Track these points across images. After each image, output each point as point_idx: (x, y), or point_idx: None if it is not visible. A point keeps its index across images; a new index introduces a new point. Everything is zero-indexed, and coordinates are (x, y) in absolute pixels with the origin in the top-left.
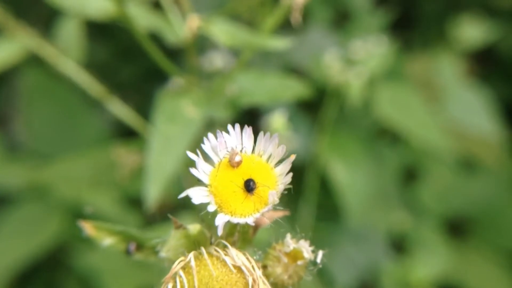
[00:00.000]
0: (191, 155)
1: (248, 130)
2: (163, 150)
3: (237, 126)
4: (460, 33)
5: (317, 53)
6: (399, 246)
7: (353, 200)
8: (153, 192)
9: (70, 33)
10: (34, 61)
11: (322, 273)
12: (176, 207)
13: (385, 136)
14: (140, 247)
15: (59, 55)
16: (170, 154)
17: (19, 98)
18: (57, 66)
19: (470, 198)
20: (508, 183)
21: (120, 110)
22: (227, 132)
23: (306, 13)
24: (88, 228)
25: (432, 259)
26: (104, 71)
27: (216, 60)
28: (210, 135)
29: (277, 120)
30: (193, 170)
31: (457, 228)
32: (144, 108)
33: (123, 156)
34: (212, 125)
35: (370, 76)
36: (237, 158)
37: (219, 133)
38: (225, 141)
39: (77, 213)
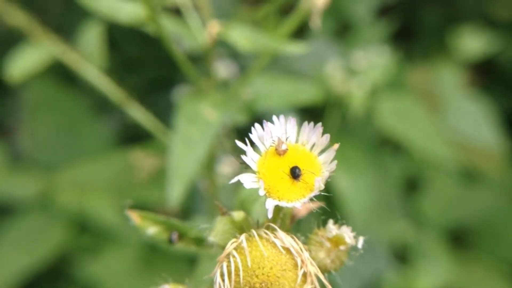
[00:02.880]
0: (240, 144)
1: (292, 121)
2: (185, 151)
3: (282, 116)
4: (460, 44)
5: (320, 63)
6: (402, 256)
7: (356, 210)
8: (176, 193)
9: (91, 40)
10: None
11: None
12: (185, 214)
13: (387, 145)
14: (182, 236)
15: (81, 61)
16: (192, 156)
17: (24, 108)
18: (79, 71)
19: (472, 209)
20: (510, 194)
21: (139, 114)
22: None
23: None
24: (134, 217)
25: (434, 269)
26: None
27: (221, 70)
28: (257, 125)
29: None
30: (243, 157)
31: (459, 239)
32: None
33: (141, 159)
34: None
35: (372, 86)
36: (283, 147)
37: (265, 123)
38: (270, 131)
39: (80, 223)
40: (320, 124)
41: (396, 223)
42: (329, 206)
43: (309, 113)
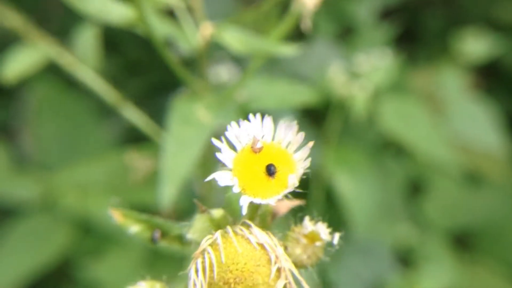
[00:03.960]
0: (216, 142)
1: (268, 119)
2: (178, 152)
3: (258, 115)
4: (463, 47)
5: (322, 65)
6: (405, 259)
7: (359, 213)
8: (168, 194)
9: (87, 42)
10: (43, 73)
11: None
12: (184, 214)
13: (390, 148)
14: (164, 235)
15: (77, 63)
16: (184, 157)
17: (28, 111)
18: (75, 73)
19: (476, 212)
20: None
21: (135, 116)
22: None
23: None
24: (116, 215)
25: (438, 273)
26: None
27: (222, 73)
28: (233, 123)
29: None
30: (218, 155)
31: (463, 242)
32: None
33: (137, 160)
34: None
35: (375, 89)
36: (259, 145)
37: (241, 122)
38: (247, 129)
39: (83, 225)
40: (295, 122)
41: (399, 226)
42: (332, 209)
43: (311, 116)
